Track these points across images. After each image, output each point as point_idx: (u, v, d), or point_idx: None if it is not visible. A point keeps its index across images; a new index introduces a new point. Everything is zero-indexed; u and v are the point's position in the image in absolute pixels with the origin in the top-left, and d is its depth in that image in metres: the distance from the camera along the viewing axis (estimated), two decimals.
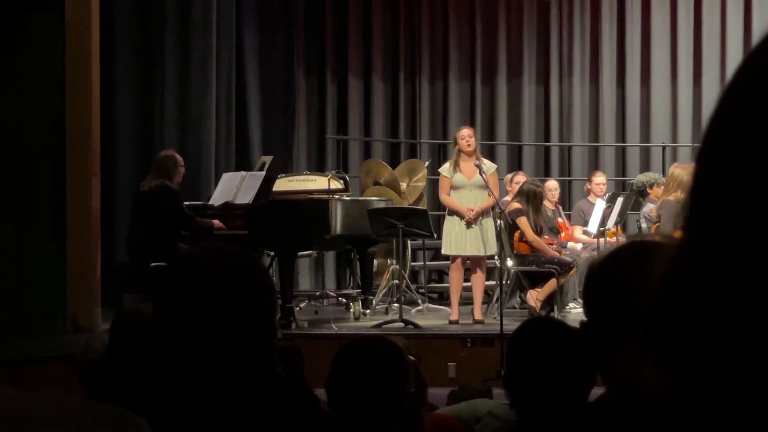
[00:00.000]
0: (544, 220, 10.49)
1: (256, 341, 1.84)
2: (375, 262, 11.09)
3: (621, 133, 14.45)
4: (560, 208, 11.57)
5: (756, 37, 0.69)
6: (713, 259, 0.67)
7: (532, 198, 10.15)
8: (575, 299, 10.53)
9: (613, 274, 1.74)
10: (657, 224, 9.75)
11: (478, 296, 9.90)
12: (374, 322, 9.63)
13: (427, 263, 12.40)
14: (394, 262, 10.41)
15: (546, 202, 10.90)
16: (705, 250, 0.68)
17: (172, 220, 8.91)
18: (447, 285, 10.88)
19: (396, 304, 10.02)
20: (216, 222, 9.32)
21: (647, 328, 0.70)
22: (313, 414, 1.93)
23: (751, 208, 0.65)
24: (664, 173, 12.19)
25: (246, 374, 1.81)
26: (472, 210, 9.63)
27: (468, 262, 9.90)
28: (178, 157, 9.20)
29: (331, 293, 11.77)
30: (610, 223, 10.56)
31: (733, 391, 0.65)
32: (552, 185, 11.56)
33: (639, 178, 11.51)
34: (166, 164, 9.08)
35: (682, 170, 9.53)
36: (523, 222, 10.05)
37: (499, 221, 9.78)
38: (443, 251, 10.05)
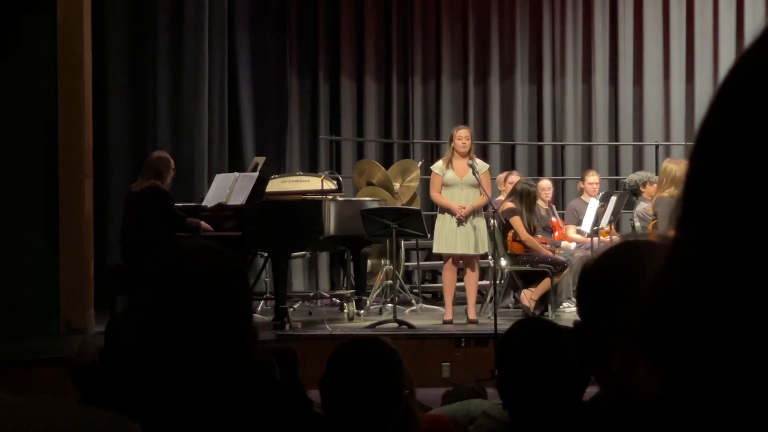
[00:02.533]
0: (537, 220, 10.50)
1: (239, 340, 1.83)
2: (368, 262, 11.08)
3: (614, 132, 14.47)
4: (554, 207, 11.58)
5: (748, 36, 0.69)
6: (708, 258, 0.67)
7: (525, 197, 10.15)
8: (569, 298, 10.53)
9: (606, 274, 1.74)
10: (654, 221, 9.72)
11: (471, 296, 9.89)
12: (368, 323, 9.63)
13: (420, 263, 12.40)
14: (388, 262, 10.41)
15: (539, 202, 10.90)
16: (699, 248, 0.67)
17: (164, 221, 8.89)
18: (441, 285, 10.88)
19: (390, 305, 10.02)
20: (202, 223, 9.30)
21: (641, 328, 0.70)
22: (306, 416, 1.92)
23: (746, 206, 0.65)
24: (657, 172, 12.20)
25: (237, 377, 1.81)
26: (464, 207, 9.62)
27: (460, 261, 9.90)
28: (170, 159, 9.19)
29: (325, 294, 11.75)
30: (604, 222, 10.57)
31: (728, 392, 0.65)
32: (545, 185, 11.57)
33: (631, 177, 11.51)
34: (158, 165, 9.05)
35: (675, 165, 9.47)
36: (516, 221, 10.06)
37: (492, 221, 9.78)
38: (434, 250, 10.04)
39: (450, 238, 9.69)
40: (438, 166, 9.89)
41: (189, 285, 1.81)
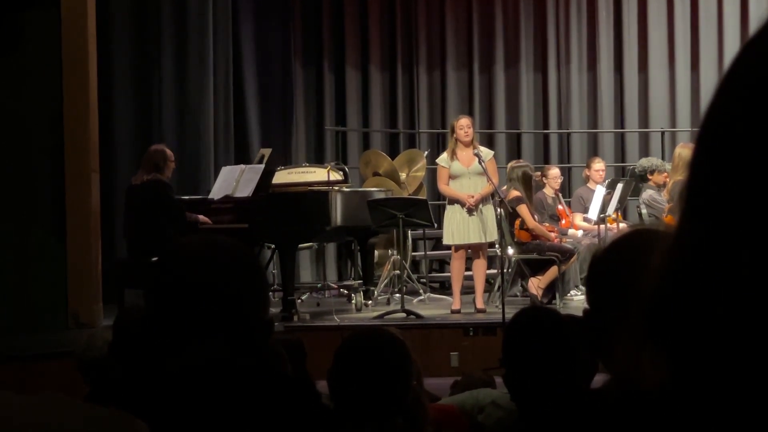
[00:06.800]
0: (544, 206, 10.51)
1: (254, 334, 1.82)
2: (376, 252, 11.09)
3: (620, 120, 14.44)
4: (560, 195, 11.56)
5: (753, 23, 0.68)
6: (712, 249, 0.66)
7: (525, 180, 10.17)
8: (577, 286, 10.53)
9: (615, 263, 1.74)
10: (670, 205, 9.82)
11: (479, 285, 9.90)
12: (376, 313, 9.64)
13: (427, 253, 12.40)
14: (395, 252, 10.41)
15: (547, 189, 10.91)
16: (704, 239, 0.67)
17: (166, 213, 8.91)
18: (448, 274, 10.88)
19: (398, 295, 10.03)
20: (201, 217, 9.30)
21: (646, 318, 0.70)
22: (316, 409, 1.92)
23: (751, 196, 0.64)
24: (663, 158, 12.19)
25: (245, 370, 1.81)
26: (473, 196, 9.62)
27: (469, 251, 9.90)
28: (169, 152, 9.21)
29: (333, 285, 11.76)
30: (611, 209, 10.55)
31: (731, 381, 0.65)
32: (555, 173, 11.50)
33: (642, 162, 11.47)
34: (157, 159, 9.08)
35: (689, 150, 9.52)
36: (523, 210, 10.06)
37: (499, 209, 9.78)
38: (444, 241, 10.03)
39: (462, 227, 9.69)
40: (443, 158, 9.89)
41: (200, 279, 1.81)
